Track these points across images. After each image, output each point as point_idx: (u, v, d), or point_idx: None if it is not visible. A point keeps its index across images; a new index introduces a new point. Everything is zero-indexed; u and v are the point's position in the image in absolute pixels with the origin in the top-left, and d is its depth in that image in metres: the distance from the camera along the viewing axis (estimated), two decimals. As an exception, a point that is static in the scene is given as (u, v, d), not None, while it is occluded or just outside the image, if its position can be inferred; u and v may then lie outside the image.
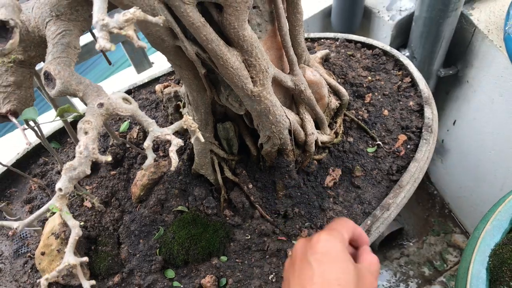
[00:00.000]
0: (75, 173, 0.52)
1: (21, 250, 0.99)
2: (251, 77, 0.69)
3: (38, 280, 0.77)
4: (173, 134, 0.91)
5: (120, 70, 1.49)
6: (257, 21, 0.68)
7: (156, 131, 0.56)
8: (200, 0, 0.60)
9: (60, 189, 0.52)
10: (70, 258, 0.53)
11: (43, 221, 0.97)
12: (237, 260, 0.88)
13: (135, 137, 1.02)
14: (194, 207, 0.91)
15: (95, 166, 1.02)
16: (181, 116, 0.92)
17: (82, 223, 0.97)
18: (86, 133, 0.53)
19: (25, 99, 0.65)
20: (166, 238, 0.89)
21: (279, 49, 0.75)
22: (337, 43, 1.11)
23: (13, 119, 0.63)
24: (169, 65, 1.19)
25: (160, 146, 0.99)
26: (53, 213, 0.98)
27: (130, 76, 1.41)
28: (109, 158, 0.53)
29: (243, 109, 0.77)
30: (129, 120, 1.07)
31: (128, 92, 1.13)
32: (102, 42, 0.44)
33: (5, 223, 0.53)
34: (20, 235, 1.02)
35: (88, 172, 0.53)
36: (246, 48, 0.65)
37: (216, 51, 0.63)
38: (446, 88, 1.65)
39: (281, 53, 0.76)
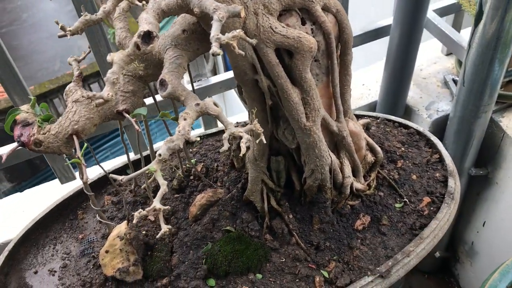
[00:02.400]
0: (172, 144, 0.72)
1: (87, 251, 1.16)
2: (306, 113, 0.89)
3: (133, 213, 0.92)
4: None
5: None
6: (316, 71, 0.90)
7: (232, 129, 0.76)
8: (277, 46, 0.82)
9: (160, 155, 0.71)
10: (157, 204, 0.70)
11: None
12: (270, 279, 1.02)
13: (199, 170, 1.22)
14: (240, 228, 1.06)
15: (162, 190, 1.21)
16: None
17: (144, 232, 1.14)
18: (185, 119, 0.74)
19: (137, 104, 0.88)
20: (212, 251, 1.04)
21: (330, 98, 0.95)
22: (378, 120, 1.31)
23: (127, 115, 0.85)
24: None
25: (219, 178, 1.18)
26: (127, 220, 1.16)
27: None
28: (198, 139, 0.73)
29: (295, 143, 0.96)
30: (195, 159, 1.27)
31: (198, 137, 1.35)
32: (215, 49, 0.66)
33: (114, 176, 0.72)
34: (88, 239, 1.19)
35: (181, 146, 0.72)
36: (305, 88, 0.86)
37: (283, 86, 0.85)
38: (477, 189, 1.78)
39: (331, 103, 0.96)
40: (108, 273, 1.07)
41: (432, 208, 1.11)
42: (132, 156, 1.41)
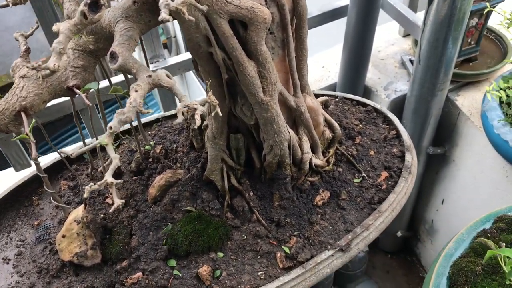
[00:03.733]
0: (123, 117, 0.70)
1: (43, 237, 1.13)
2: (262, 88, 0.89)
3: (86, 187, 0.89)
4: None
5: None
6: (271, 44, 0.89)
7: (187, 101, 0.75)
8: (231, 17, 0.81)
9: (110, 127, 0.69)
10: (109, 178, 0.68)
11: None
12: (232, 257, 1.01)
13: (158, 152, 1.20)
14: (201, 208, 1.05)
15: (119, 173, 1.19)
16: (201, 132, 1.10)
17: (102, 215, 1.11)
18: (136, 91, 0.72)
19: (88, 79, 0.85)
20: (173, 231, 1.03)
21: (286, 73, 0.95)
22: (336, 99, 1.32)
23: (77, 91, 0.82)
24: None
25: (178, 159, 1.16)
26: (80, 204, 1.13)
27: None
28: (150, 110, 0.71)
29: (253, 119, 0.95)
30: (154, 141, 1.25)
31: (157, 120, 1.33)
32: (164, 15, 0.64)
33: (64, 149, 0.70)
34: (44, 225, 1.16)
35: (133, 118, 0.70)
36: (261, 61, 0.85)
37: (238, 59, 0.84)
38: (436, 168, 1.83)
39: (288, 78, 0.96)
40: (66, 258, 1.04)
41: (390, 183, 1.12)
42: (89, 141, 1.38)
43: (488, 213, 1.00)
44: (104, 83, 1.37)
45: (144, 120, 1.34)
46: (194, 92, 3.05)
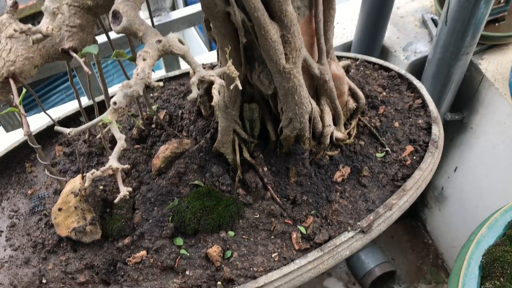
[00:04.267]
0: (129, 90, 0.59)
1: (37, 208, 1.04)
2: (285, 54, 0.78)
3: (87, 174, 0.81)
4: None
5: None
6: (297, 4, 0.77)
7: (202, 72, 0.64)
8: (254, -28, 0.69)
9: (115, 103, 0.59)
10: (114, 163, 0.59)
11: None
12: (243, 236, 0.93)
13: (162, 118, 1.09)
14: (210, 182, 0.96)
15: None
16: (210, 98, 1.00)
17: (101, 187, 1.02)
18: (144, 59, 0.61)
19: (86, 41, 0.73)
20: (180, 207, 0.94)
21: (312, 36, 0.84)
22: (357, 62, 1.21)
23: (74, 54, 0.71)
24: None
25: (184, 127, 1.06)
26: (77, 175, 1.04)
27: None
28: (160, 84, 0.61)
29: (272, 88, 0.85)
30: (157, 105, 1.15)
31: (159, 81, 1.21)
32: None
33: (59, 128, 0.60)
34: (39, 195, 1.07)
35: (141, 92, 0.60)
36: (286, 23, 0.74)
37: (260, 20, 0.72)
38: (451, 134, 1.74)
39: (313, 42, 0.85)
40: (62, 233, 0.96)
41: (415, 158, 1.03)
42: (86, 101, 1.27)
43: (524, 196, 0.91)
44: (101, 38, 1.25)
45: (145, 80, 1.22)
46: (194, 47, 2.89)
